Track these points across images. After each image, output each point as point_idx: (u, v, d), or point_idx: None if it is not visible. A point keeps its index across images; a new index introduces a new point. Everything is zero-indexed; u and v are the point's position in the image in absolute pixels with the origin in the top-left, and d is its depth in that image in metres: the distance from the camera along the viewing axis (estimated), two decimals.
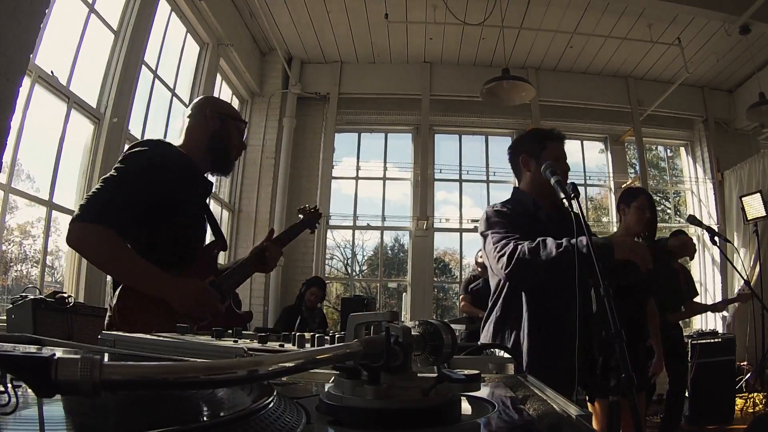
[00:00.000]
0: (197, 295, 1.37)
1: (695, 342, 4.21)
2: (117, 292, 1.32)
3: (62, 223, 3.30)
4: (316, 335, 0.77)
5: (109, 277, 1.47)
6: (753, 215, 5.05)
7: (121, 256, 1.30)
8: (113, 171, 1.35)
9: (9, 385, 0.30)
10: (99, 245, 1.28)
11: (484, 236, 1.73)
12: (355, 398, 0.41)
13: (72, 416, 0.38)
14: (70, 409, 0.38)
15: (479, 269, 4.98)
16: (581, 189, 5.91)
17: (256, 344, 0.75)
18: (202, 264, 1.50)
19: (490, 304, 1.80)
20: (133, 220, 1.32)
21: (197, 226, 1.56)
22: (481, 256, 4.91)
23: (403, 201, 6.27)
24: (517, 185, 1.95)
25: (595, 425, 2.44)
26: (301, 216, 2.01)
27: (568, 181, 1.52)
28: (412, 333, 0.44)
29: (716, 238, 3.04)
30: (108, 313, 1.38)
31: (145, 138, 2.69)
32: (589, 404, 2.56)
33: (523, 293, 1.69)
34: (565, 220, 1.63)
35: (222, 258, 1.95)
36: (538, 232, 1.61)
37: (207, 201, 1.68)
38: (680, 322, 3.67)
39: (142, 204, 1.33)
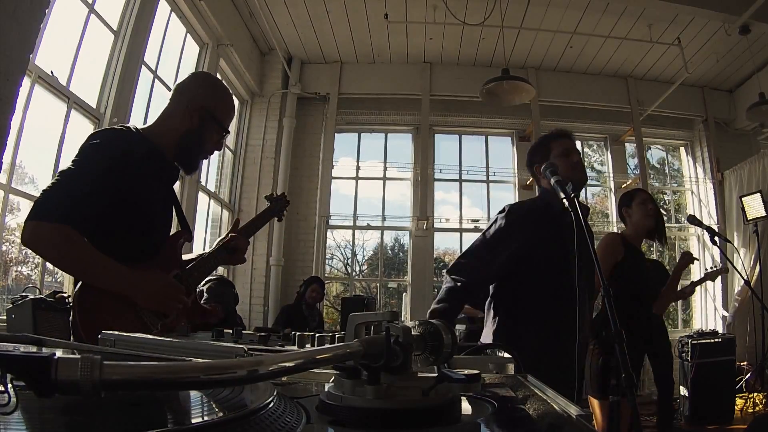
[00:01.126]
0: (162, 290, 1.30)
1: (695, 342, 4.21)
2: (77, 288, 1.24)
3: None
4: (316, 335, 0.77)
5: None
6: (753, 215, 5.05)
7: (83, 256, 1.22)
8: (70, 164, 1.26)
9: (9, 385, 0.30)
10: (61, 246, 1.20)
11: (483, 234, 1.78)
12: (355, 398, 0.41)
13: (72, 416, 0.38)
14: (71, 408, 0.38)
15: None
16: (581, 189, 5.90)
17: (256, 344, 0.75)
18: (166, 257, 1.41)
19: (487, 305, 1.81)
20: (92, 216, 1.24)
21: (161, 216, 1.46)
22: None
23: (403, 201, 6.28)
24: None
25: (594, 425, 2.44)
26: (268, 203, 1.86)
27: (569, 184, 1.51)
28: (412, 333, 0.44)
29: (716, 238, 3.03)
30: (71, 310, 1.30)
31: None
32: (591, 400, 2.56)
33: (522, 294, 1.70)
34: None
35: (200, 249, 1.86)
36: (558, 232, 1.62)
37: (173, 187, 1.56)
38: (678, 322, 3.66)
39: (101, 199, 1.25)
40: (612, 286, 2.24)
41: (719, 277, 5.66)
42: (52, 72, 2.95)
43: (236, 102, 5.77)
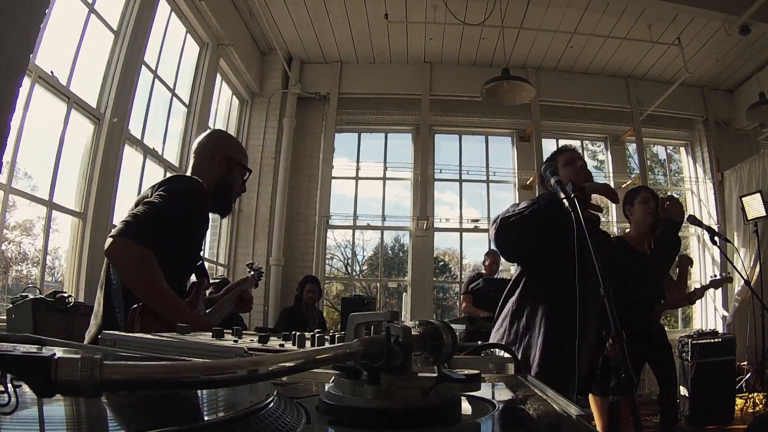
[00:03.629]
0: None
1: (695, 342, 4.20)
2: (140, 307, 1.33)
3: (62, 223, 3.30)
4: (316, 335, 0.77)
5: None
6: (753, 215, 5.05)
7: (157, 283, 1.33)
8: (158, 198, 1.41)
9: (9, 385, 0.30)
10: (142, 267, 1.32)
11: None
12: (355, 398, 0.41)
13: (72, 416, 0.38)
14: (71, 408, 0.38)
15: (484, 271, 5.01)
16: None
17: (256, 344, 0.75)
18: (192, 300, 1.52)
19: (504, 296, 1.82)
20: (161, 250, 1.35)
21: (195, 261, 1.62)
22: (489, 263, 4.96)
23: (403, 201, 6.28)
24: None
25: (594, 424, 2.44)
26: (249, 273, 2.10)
27: (569, 184, 1.51)
28: (412, 333, 0.44)
29: (716, 238, 3.03)
30: (119, 321, 1.39)
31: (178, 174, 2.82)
32: (594, 399, 2.56)
33: (539, 287, 1.71)
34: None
35: None
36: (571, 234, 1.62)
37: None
38: (678, 322, 3.66)
39: (173, 237, 1.40)
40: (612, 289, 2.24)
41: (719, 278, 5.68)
42: (52, 72, 2.96)
43: (236, 102, 5.78)
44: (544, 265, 1.74)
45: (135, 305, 1.32)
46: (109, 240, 1.33)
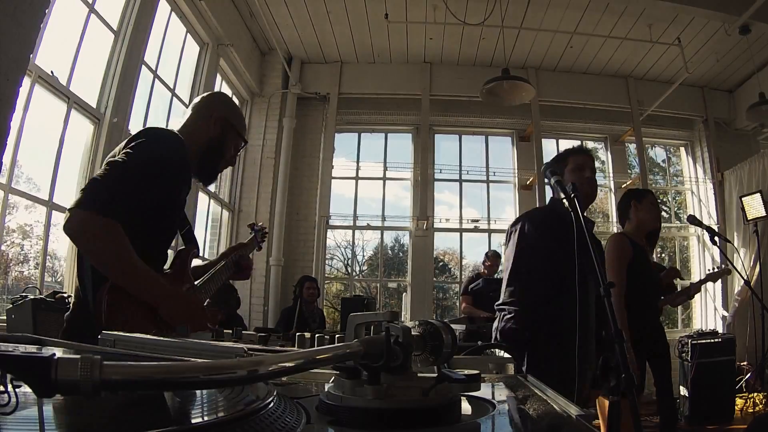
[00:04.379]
0: (190, 310, 1.30)
1: (695, 342, 4.20)
2: (107, 286, 1.19)
3: (62, 223, 3.29)
4: (316, 335, 0.77)
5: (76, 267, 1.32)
6: (753, 215, 5.05)
7: (124, 258, 1.18)
8: (122, 156, 1.23)
9: (9, 385, 0.30)
10: (105, 240, 1.16)
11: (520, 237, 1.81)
12: (355, 398, 0.41)
13: (72, 416, 0.38)
14: (70, 408, 0.38)
15: (484, 270, 5.01)
16: None
17: (256, 344, 0.75)
18: (179, 271, 1.41)
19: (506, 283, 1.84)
20: (127, 213, 1.19)
21: (175, 227, 1.47)
22: (489, 263, 4.95)
23: (403, 201, 6.28)
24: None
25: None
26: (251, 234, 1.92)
27: (569, 184, 1.51)
28: (412, 333, 0.44)
29: (716, 238, 3.02)
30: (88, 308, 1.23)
31: None
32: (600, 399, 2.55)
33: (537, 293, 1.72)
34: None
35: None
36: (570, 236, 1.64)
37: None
38: (678, 322, 3.66)
39: (144, 201, 1.23)
40: (629, 288, 2.24)
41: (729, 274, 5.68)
42: (52, 72, 2.95)
43: (236, 102, 5.78)
44: (541, 273, 1.75)
45: (104, 284, 1.19)
46: (66, 214, 1.17)
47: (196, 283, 1.48)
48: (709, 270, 3.40)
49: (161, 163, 1.26)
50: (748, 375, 4.65)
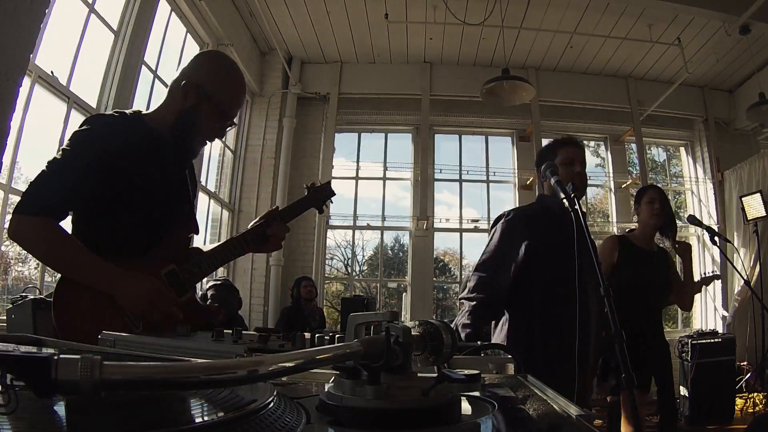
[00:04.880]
0: (148, 296, 1.20)
1: (695, 342, 4.20)
2: (56, 283, 1.20)
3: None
4: (316, 335, 0.77)
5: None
6: (753, 215, 5.05)
7: (65, 251, 1.17)
8: (58, 153, 1.20)
9: (9, 385, 0.30)
10: (42, 241, 1.17)
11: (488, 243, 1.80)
12: (355, 398, 0.41)
13: (72, 416, 0.38)
14: (70, 408, 0.38)
15: None
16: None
17: (256, 344, 0.75)
18: (164, 251, 1.32)
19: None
20: (84, 207, 1.21)
21: (168, 206, 1.35)
22: None
23: (403, 201, 6.28)
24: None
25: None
26: (306, 192, 1.69)
27: (569, 184, 1.51)
28: (412, 333, 0.44)
29: (716, 238, 3.02)
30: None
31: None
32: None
33: (532, 294, 1.71)
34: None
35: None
36: (559, 233, 1.63)
37: (186, 173, 1.46)
38: (678, 322, 3.65)
39: (90, 191, 1.20)
40: (611, 288, 2.23)
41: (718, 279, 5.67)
42: (52, 72, 2.95)
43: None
44: (532, 274, 1.75)
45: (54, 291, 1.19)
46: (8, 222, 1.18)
47: (186, 263, 1.35)
48: (702, 275, 3.38)
49: (97, 149, 1.20)
50: (748, 375, 4.65)
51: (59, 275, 1.22)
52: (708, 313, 5.86)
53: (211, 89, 1.33)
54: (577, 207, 1.40)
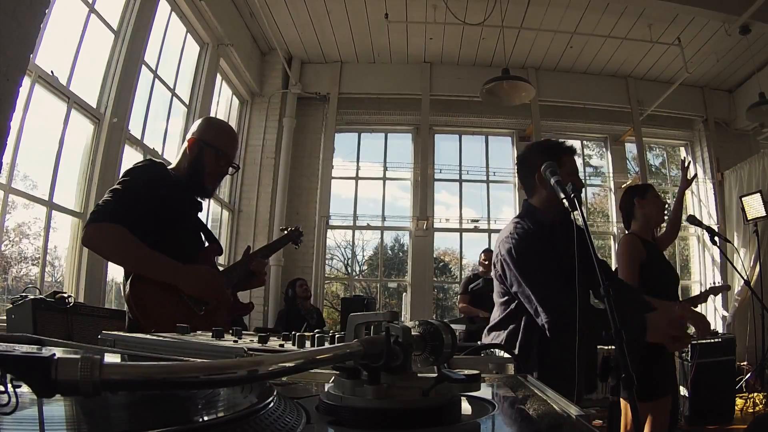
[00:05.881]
0: (206, 278, 1.52)
1: (695, 342, 4.20)
2: (128, 281, 1.44)
3: (62, 222, 3.30)
4: (316, 335, 0.77)
5: (115, 274, 1.58)
6: (753, 215, 5.05)
7: (132, 246, 1.44)
8: (118, 184, 1.53)
9: (9, 385, 0.30)
10: (112, 238, 1.44)
11: (518, 268, 1.63)
12: (355, 398, 0.41)
13: (72, 416, 0.38)
14: (70, 408, 0.38)
15: (481, 269, 4.99)
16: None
17: (256, 344, 0.75)
18: (197, 259, 1.63)
19: (497, 309, 1.81)
20: (138, 226, 1.47)
21: (193, 236, 1.71)
22: (484, 259, 4.91)
23: (403, 201, 6.28)
24: (526, 198, 1.81)
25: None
26: (284, 233, 2.18)
27: (569, 184, 1.49)
28: (412, 333, 0.44)
29: (716, 238, 3.02)
30: (125, 310, 1.50)
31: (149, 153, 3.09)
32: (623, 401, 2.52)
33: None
34: (571, 235, 1.44)
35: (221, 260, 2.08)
36: (551, 251, 1.60)
37: (201, 217, 1.81)
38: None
39: (144, 212, 1.50)
40: (645, 288, 2.21)
41: (719, 278, 5.68)
42: (52, 72, 2.95)
43: (236, 102, 5.78)
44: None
45: (128, 288, 1.44)
46: (81, 233, 1.45)
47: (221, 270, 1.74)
48: (712, 284, 3.39)
49: (144, 183, 1.55)
50: (748, 375, 4.65)
51: (124, 277, 1.50)
52: (708, 313, 5.86)
53: (209, 138, 1.70)
54: (578, 206, 1.40)
